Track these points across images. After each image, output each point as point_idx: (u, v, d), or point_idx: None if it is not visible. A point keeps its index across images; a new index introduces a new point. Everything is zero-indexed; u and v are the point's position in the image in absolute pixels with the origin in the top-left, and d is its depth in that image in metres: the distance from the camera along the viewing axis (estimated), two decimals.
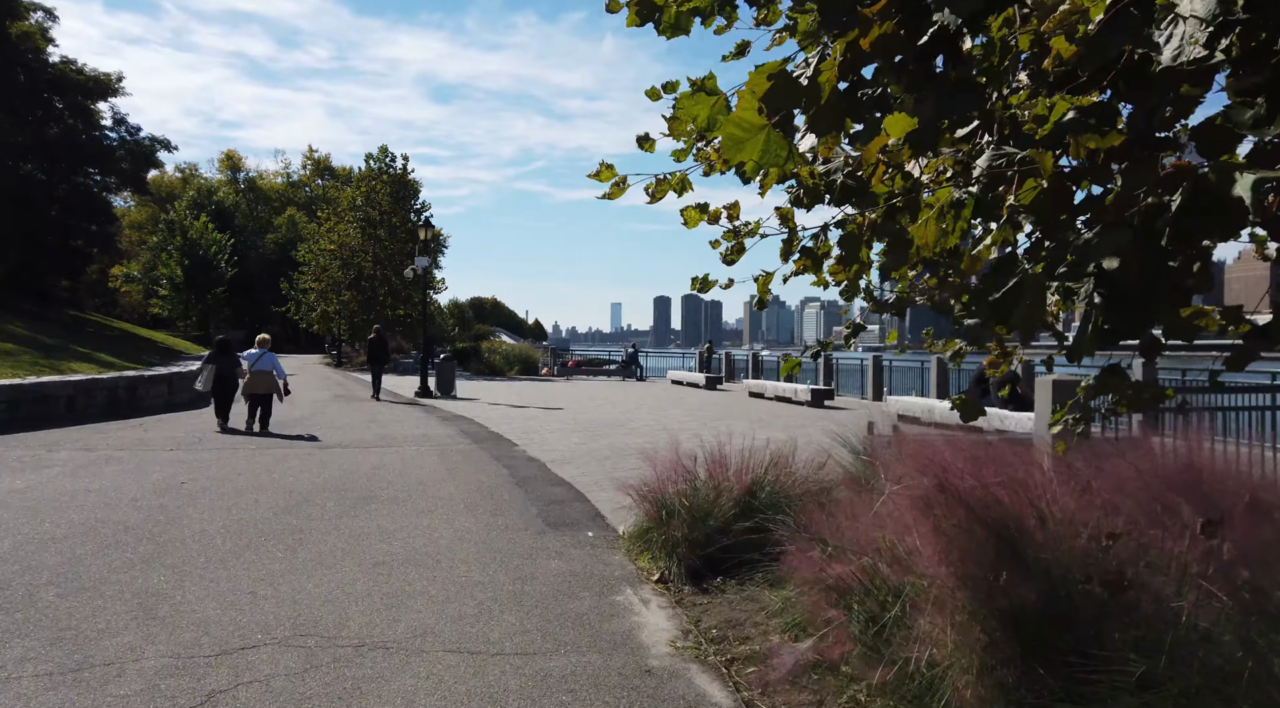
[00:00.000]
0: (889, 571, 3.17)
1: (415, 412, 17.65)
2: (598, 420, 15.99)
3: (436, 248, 63.90)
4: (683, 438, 13.66)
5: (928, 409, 14.73)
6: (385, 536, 6.57)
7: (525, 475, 9.49)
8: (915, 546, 3.03)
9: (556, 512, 7.57)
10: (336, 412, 17.30)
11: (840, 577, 3.31)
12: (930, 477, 3.44)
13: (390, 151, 40.26)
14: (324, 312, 39.80)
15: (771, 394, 21.88)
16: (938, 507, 3.08)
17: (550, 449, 11.83)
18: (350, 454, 11.07)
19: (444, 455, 11.07)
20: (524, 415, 16.83)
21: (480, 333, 70.89)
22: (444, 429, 14.23)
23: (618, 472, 9.68)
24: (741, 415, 17.41)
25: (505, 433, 13.71)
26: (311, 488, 8.52)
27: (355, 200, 38.96)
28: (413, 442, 12.53)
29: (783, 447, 10.52)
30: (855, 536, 3.63)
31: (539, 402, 20.49)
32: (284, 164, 78.92)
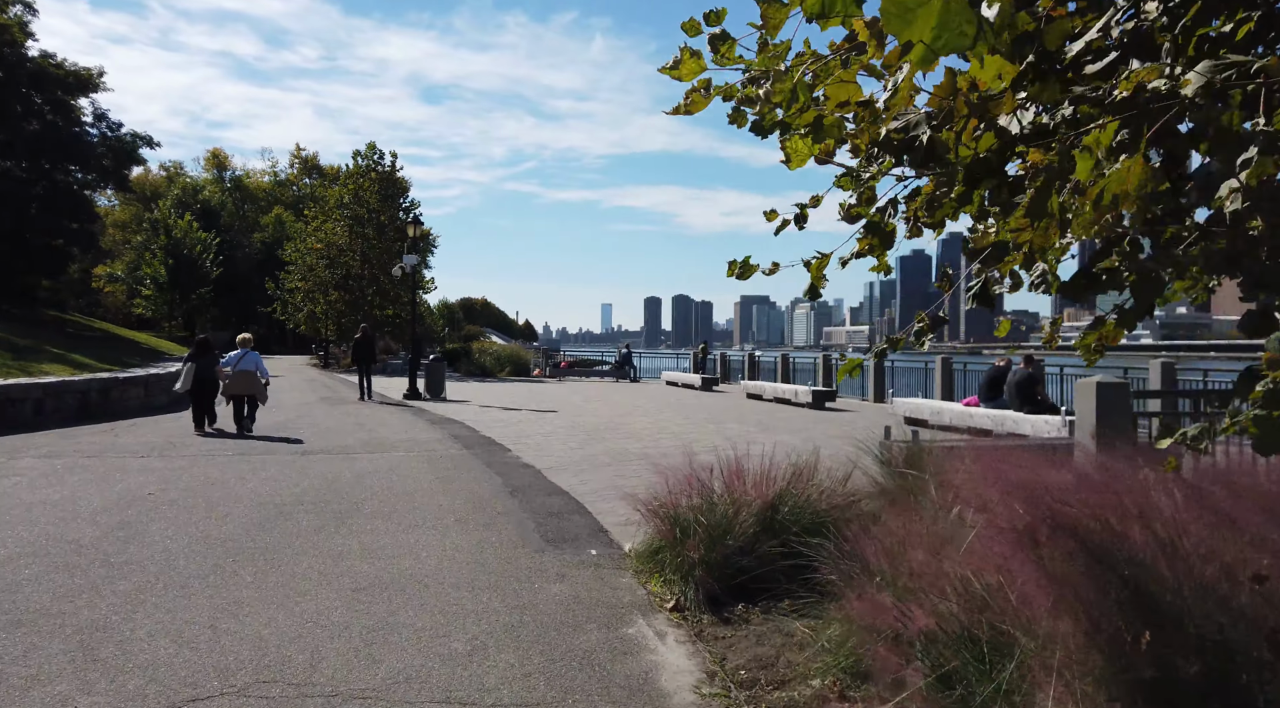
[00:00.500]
0: (985, 621, 2.57)
1: (403, 415, 17.00)
2: (594, 424, 15.39)
3: (426, 247, 63.19)
4: (685, 443, 13.07)
5: (936, 412, 14.19)
6: (368, 555, 5.94)
7: (520, 485, 8.87)
8: (1022, 591, 2.43)
9: (555, 526, 6.95)
10: (322, 415, 16.63)
11: (924, 628, 2.70)
12: (1017, 499, 2.84)
13: (378, 148, 39.56)
14: (310, 312, 39.00)
15: (770, 396, 21.31)
16: (1043, 541, 2.50)
17: (546, 455, 11.21)
18: (333, 461, 10.42)
19: (433, 462, 10.44)
20: (517, 419, 16.21)
21: (470, 333, 70.20)
22: (433, 433, 13.59)
23: (619, 480, 9.07)
24: (741, 418, 16.83)
25: (498, 438, 13.08)
26: (289, 499, 7.88)
27: (343, 198, 38.20)
28: (400, 447, 11.89)
29: (799, 454, 9.95)
30: (925, 570, 3.03)
31: (532, 404, 19.86)
32: (271, 163, 77.84)
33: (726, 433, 13.94)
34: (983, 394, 13.20)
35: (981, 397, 13.21)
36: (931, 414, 14.33)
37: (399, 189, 39.65)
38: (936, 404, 14.58)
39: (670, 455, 11.29)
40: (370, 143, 39.51)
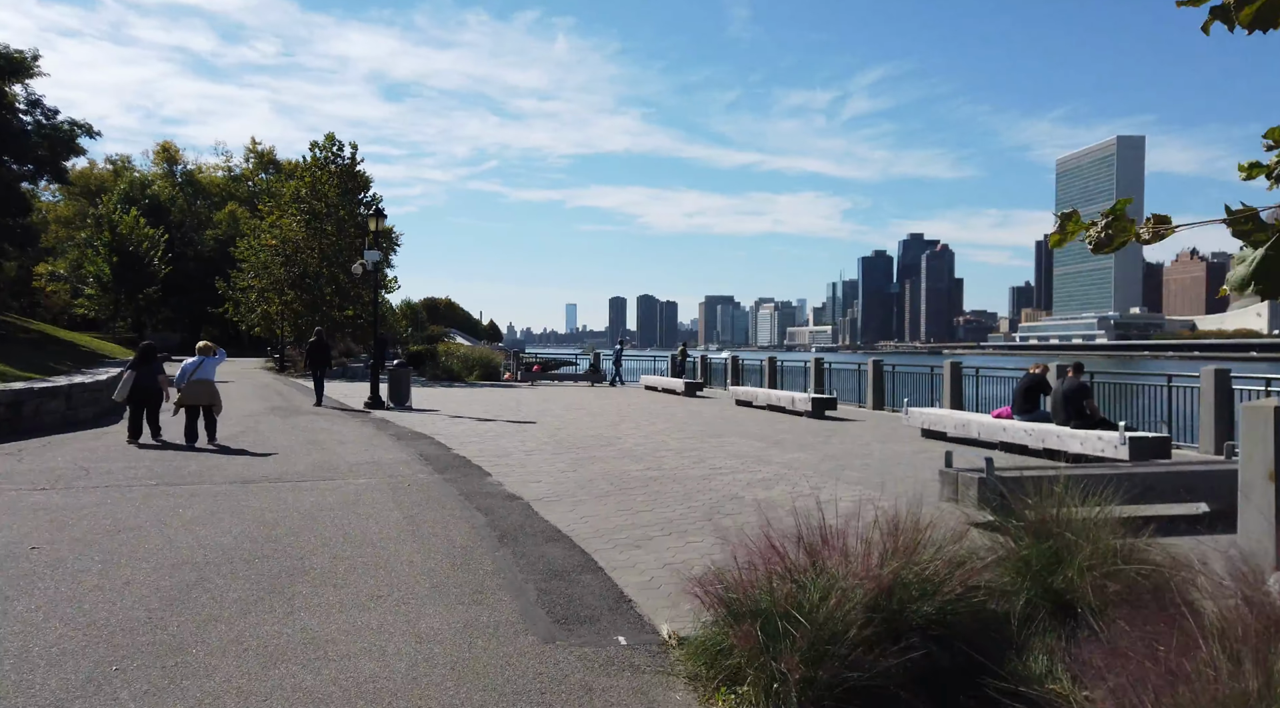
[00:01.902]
0: None
1: (364, 428, 15.20)
2: (580, 437, 13.75)
3: (389, 245, 60.90)
4: (690, 462, 11.46)
5: (961, 424, 12.79)
6: (312, 652, 4.28)
7: (509, 526, 7.23)
8: None
9: (562, 593, 5.33)
10: (270, 429, 14.77)
11: None
12: None
13: (337, 140, 37.45)
14: (265, 312, 36.78)
15: (763, 403, 19.85)
16: None
17: (533, 480, 9.57)
18: (278, 493, 8.67)
19: (399, 493, 8.74)
20: (493, 432, 14.51)
21: (435, 334, 67.98)
22: (399, 453, 11.86)
23: (627, 516, 7.47)
24: (741, 430, 15.31)
25: (474, 457, 11.40)
26: (215, 555, 6.16)
27: (299, 192, 36.04)
28: (360, 471, 10.16)
29: (870, 494, 8.42)
30: None
31: (507, 413, 18.16)
32: (225, 158, 74.77)
33: (732, 449, 12.42)
34: (1017, 404, 11.84)
35: (1015, 407, 11.84)
36: (955, 427, 12.95)
37: (360, 184, 37.57)
38: (961, 416, 13.20)
39: (679, 479, 9.75)
40: (329, 134, 37.41)
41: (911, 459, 11.36)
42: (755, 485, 9.28)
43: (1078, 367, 11.12)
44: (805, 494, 8.72)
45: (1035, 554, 4.24)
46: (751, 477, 9.89)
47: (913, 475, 9.96)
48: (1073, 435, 10.50)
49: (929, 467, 10.56)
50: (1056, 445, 10.80)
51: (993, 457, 7.05)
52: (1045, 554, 4.22)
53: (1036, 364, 12.19)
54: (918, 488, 8.95)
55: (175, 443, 12.77)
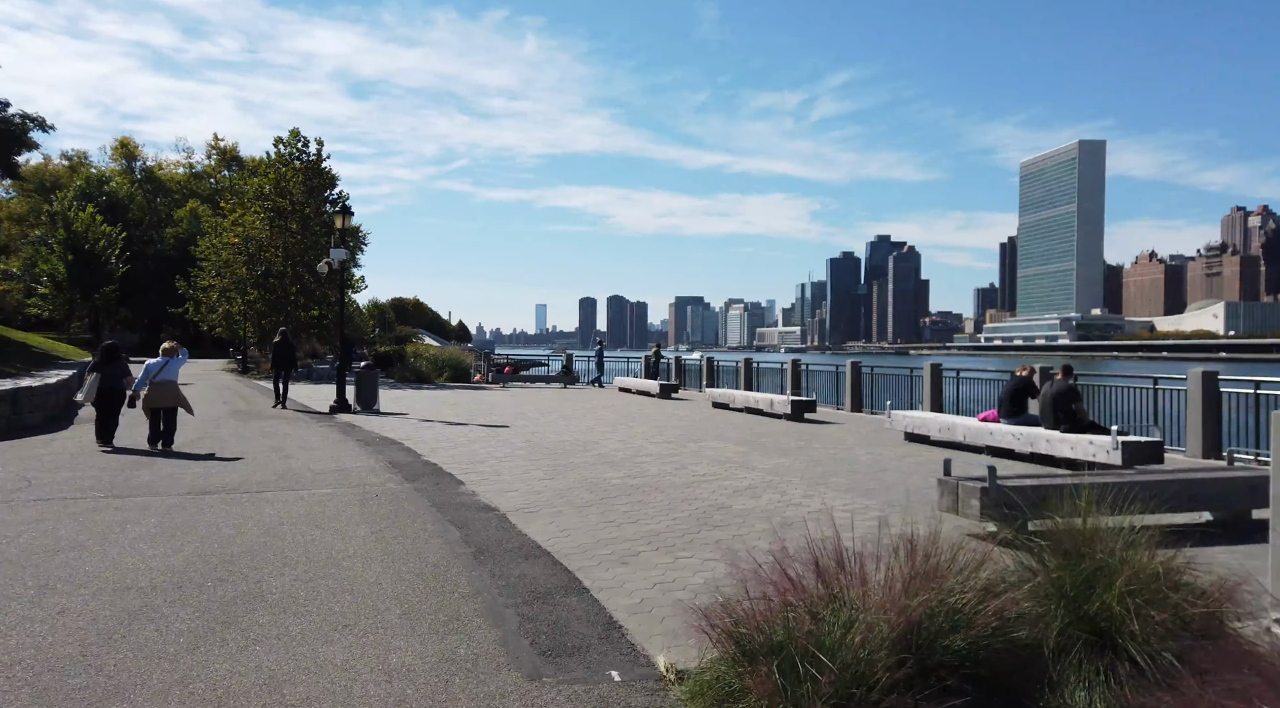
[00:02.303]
0: None
1: (330, 433, 14.61)
2: (556, 443, 13.30)
3: (356, 244, 59.80)
4: (671, 468, 11.07)
5: (946, 427, 12.53)
6: (268, 695, 3.80)
7: (484, 541, 6.77)
8: None
9: (546, 620, 4.90)
10: (231, 435, 14.12)
11: None
12: None
13: (302, 136, 36.49)
14: (226, 312, 35.78)
15: (740, 405, 19.51)
16: None
17: (509, 489, 9.11)
18: (236, 506, 8.12)
19: (366, 505, 8.23)
20: (465, 437, 14.00)
21: (403, 335, 66.96)
22: (366, 460, 11.32)
23: (611, 529, 7.05)
24: (720, 433, 14.95)
25: (445, 464, 10.90)
26: (164, 576, 5.63)
27: (263, 189, 35.08)
28: (325, 481, 9.62)
29: (862, 503, 8.08)
30: None
31: (479, 417, 17.63)
32: (186, 154, 72.94)
33: (713, 454, 12.04)
34: (1004, 408, 11.59)
35: (1002, 411, 11.60)
36: (939, 430, 12.69)
37: (325, 180, 36.66)
38: (946, 419, 12.94)
39: (662, 488, 9.33)
40: (293, 130, 36.43)
41: (898, 464, 11.06)
42: (742, 493, 8.90)
43: (1066, 369, 10.89)
44: (795, 503, 8.36)
45: (1068, 577, 3.88)
46: (737, 484, 9.51)
47: (902, 482, 9.65)
48: (1063, 440, 10.26)
49: (918, 472, 10.27)
50: (1046, 450, 10.57)
51: (995, 465, 6.72)
52: (1078, 577, 3.86)
53: (1023, 367, 11.96)
54: (910, 496, 8.64)
55: (130, 448, 12.13)
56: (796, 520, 7.53)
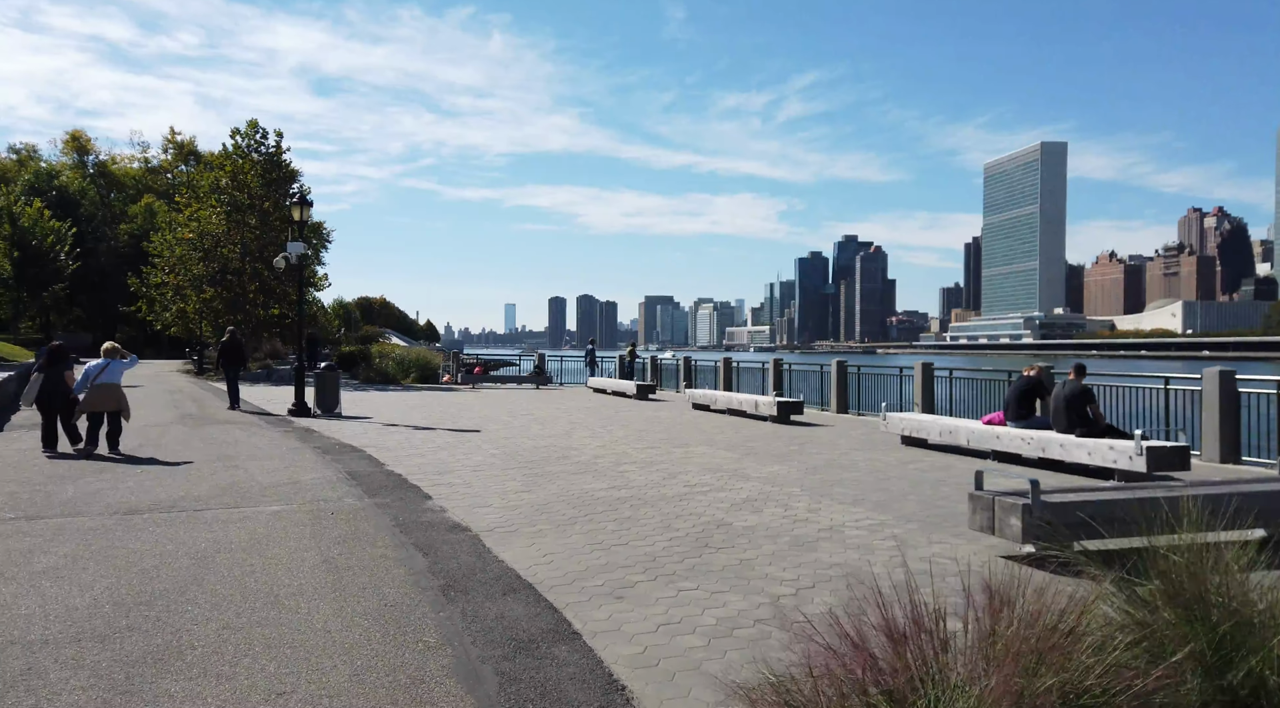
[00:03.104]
0: None
1: (286, 439, 13.52)
2: (531, 449, 12.36)
3: (319, 241, 58.16)
4: (658, 479, 10.17)
5: (948, 431, 11.79)
6: None
7: (455, 570, 5.83)
8: None
9: (532, 679, 3.98)
10: (175, 442, 12.99)
11: None
12: None
13: (261, 127, 35.12)
14: (181, 311, 34.26)
15: (722, 406, 18.70)
16: None
17: (481, 504, 8.17)
18: (168, 528, 7.09)
19: (320, 525, 7.24)
20: (432, 443, 13.00)
21: (369, 334, 65.39)
22: (322, 471, 10.29)
23: (600, 554, 6.14)
24: (706, 437, 14.11)
25: (411, 475, 9.92)
26: (61, 626, 4.63)
27: (219, 182, 33.64)
28: (275, 495, 8.60)
29: (877, 519, 7.26)
30: None
31: (448, 421, 16.62)
32: (142, 148, 70.53)
33: (702, 461, 11.18)
34: (1010, 410, 10.87)
35: (1009, 413, 10.88)
36: (940, 434, 11.95)
37: (286, 174, 35.33)
38: (947, 422, 12.21)
39: (652, 501, 8.40)
40: (251, 121, 35.08)
41: (901, 472, 10.29)
42: (741, 507, 8.05)
43: (1079, 369, 10.19)
44: (802, 519, 7.52)
45: (1201, 636, 3.06)
46: (733, 496, 8.66)
47: (911, 492, 8.86)
48: (1079, 445, 9.55)
49: (925, 482, 9.49)
50: (1060, 455, 9.85)
51: (1038, 478, 5.92)
52: (1214, 636, 3.05)
53: (1031, 366, 11.25)
54: (928, 510, 7.85)
55: (70, 453, 11.04)
56: (808, 539, 6.69)
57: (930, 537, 6.77)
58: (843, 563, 5.98)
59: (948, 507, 7.98)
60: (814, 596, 5.23)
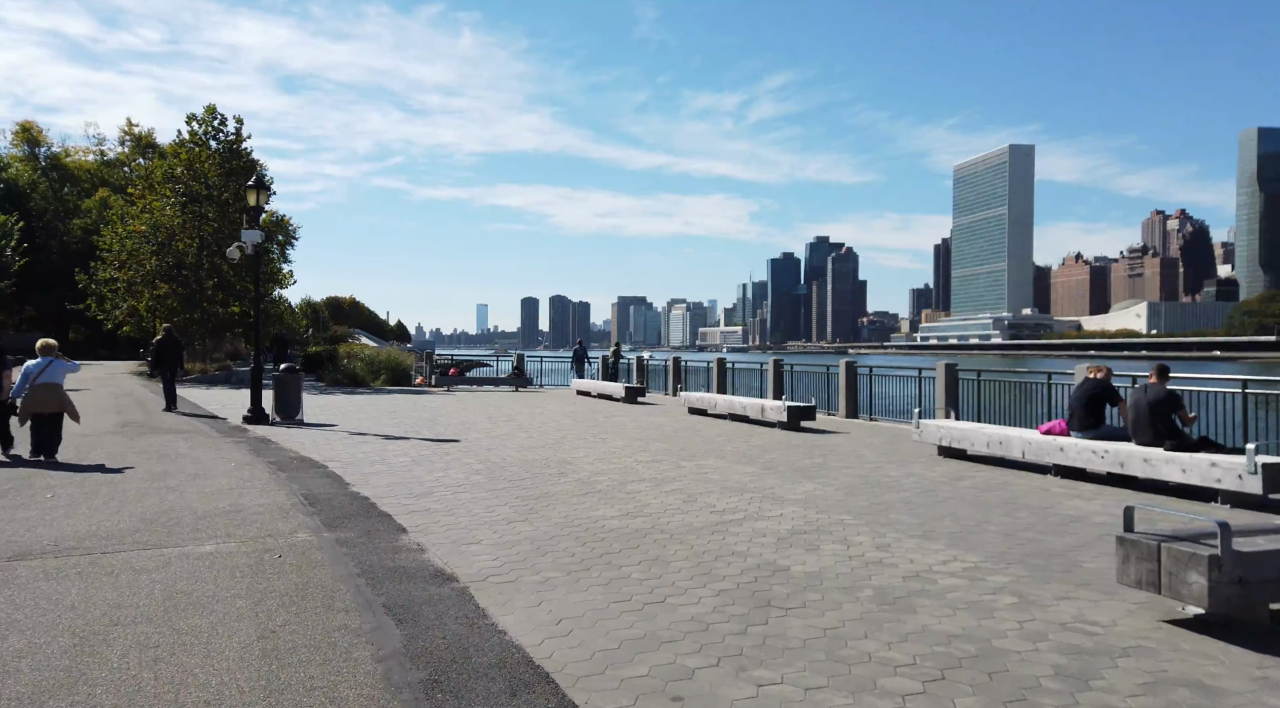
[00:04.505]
0: None
1: (236, 451, 11.80)
2: (520, 463, 10.77)
3: (285, 236, 55.86)
4: (676, 504, 8.51)
5: (997, 441, 10.37)
6: None
7: (442, 653, 4.25)
8: None
9: None
10: (109, 455, 11.22)
11: None
12: None
13: (220, 113, 33.04)
14: (132, 308, 32.09)
15: (723, 411, 17.20)
16: None
17: (469, 540, 6.59)
18: (58, 583, 5.42)
19: (261, 577, 5.61)
20: (406, 456, 11.36)
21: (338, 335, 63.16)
22: (273, 493, 8.62)
23: (628, 613, 4.58)
24: (712, 448, 12.60)
25: (381, 498, 8.30)
26: None
27: (173, 171, 31.53)
28: (209, 530, 6.94)
29: (973, 561, 5.75)
30: None
31: (423, 428, 14.95)
32: (98, 140, 67.56)
33: (719, 477, 9.66)
34: (1076, 418, 9.49)
35: (1074, 422, 9.50)
36: (988, 444, 10.55)
37: (246, 163, 33.24)
38: (995, 431, 10.80)
39: (677, 533, 6.76)
40: (209, 106, 32.97)
41: (956, 492, 8.85)
42: (791, 544, 6.55)
43: (1162, 370, 8.82)
44: (873, 560, 6.03)
45: None
46: (774, 526, 7.15)
47: (987, 522, 7.40)
48: (1170, 460, 8.17)
49: (994, 506, 8.03)
50: (1143, 472, 8.47)
51: (1228, 519, 4.47)
52: None
53: (1095, 367, 9.86)
54: (1022, 547, 6.38)
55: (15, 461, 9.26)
56: (896, 594, 5.20)
57: (1049, 589, 5.30)
58: (962, 633, 4.50)
59: (1044, 543, 6.54)
60: (953, 697, 3.73)
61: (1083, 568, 5.73)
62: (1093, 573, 5.60)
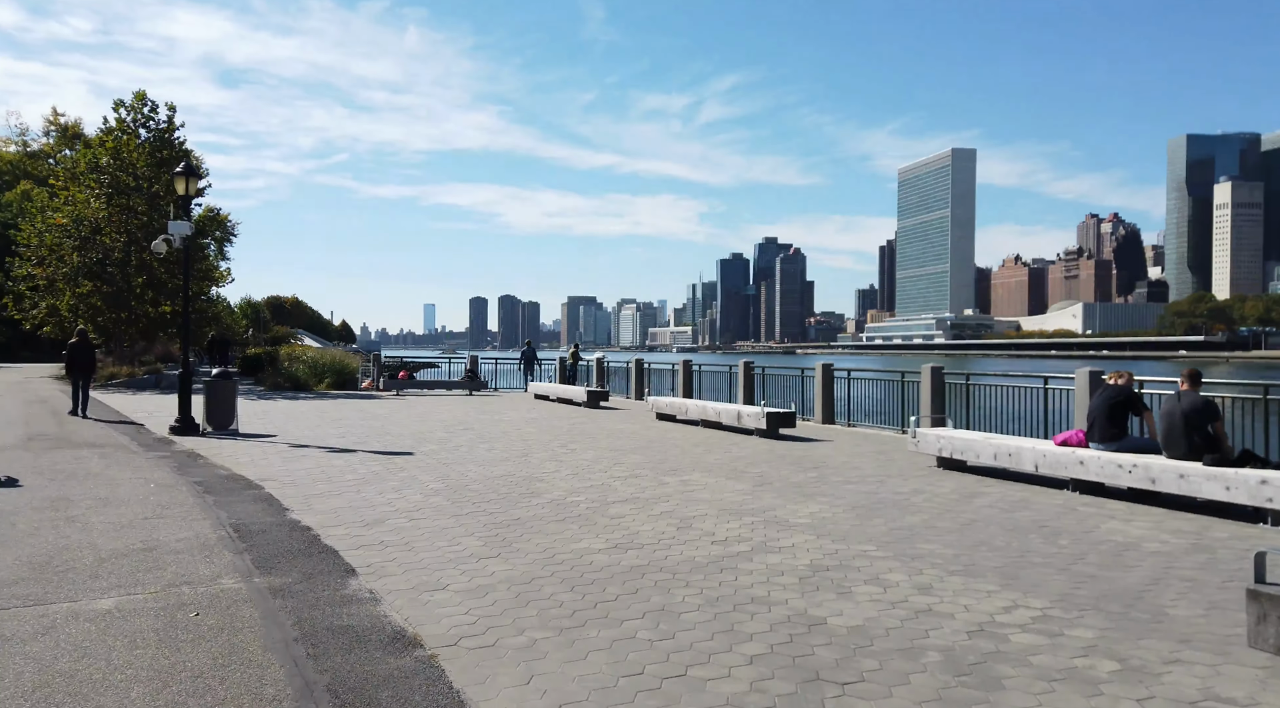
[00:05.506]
0: None
1: (157, 470, 10.42)
2: (484, 480, 9.63)
3: (223, 233, 53.37)
4: (669, 529, 7.35)
5: (1007, 453, 9.58)
6: None
7: None
8: None
9: None
10: (8, 471, 9.74)
11: None
12: None
13: (150, 99, 31.01)
14: (52, 307, 29.88)
15: (694, 417, 16.25)
16: None
17: (433, 584, 5.46)
18: None
19: (171, 647, 4.42)
20: (354, 473, 10.13)
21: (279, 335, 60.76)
22: (197, 524, 7.35)
23: (643, 687, 3.56)
24: (692, 460, 11.61)
25: (325, 529, 7.10)
26: None
27: (99, 160, 29.43)
28: (111, 577, 5.69)
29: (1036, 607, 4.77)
30: None
31: (372, 439, 13.67)
32: (21, 131, 63.87)
33: (710, 496, 8.66)
34: (1097, 428, 8.71)
35: (1095, 432, 8.73)
36: (994, 455, 9.76)
37: (179, 154, 31.26)
38: (1004, 441, 10.01)
39: (680, 571, 5.53)
40: (139, 92, 30.89)
41: (978, 513, 8.00)
42: (817, 585, 5.57)
43: (1193, 377, 8.10)
44: (920, 609, 5.08)
45: None
46: (791, 561, 6.17)
47: (1030, 551, 6.52)
48: (1211, 476, 7.42)
49: (1030, 532, 7.15)
50: (1176, 489, 7.72)
51: None
52: None
53: (1116, 373, 9.10)
54: (1087, 587, 5.49)
55: None
56: (968, 658, 4.24)
57: (1149, 649, 4.40)
58: None
59: (1108, 580, 5.67)
60: None
61: (1170, 616, 4.86)
62: (1187, 624, 4.73)
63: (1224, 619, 4.75)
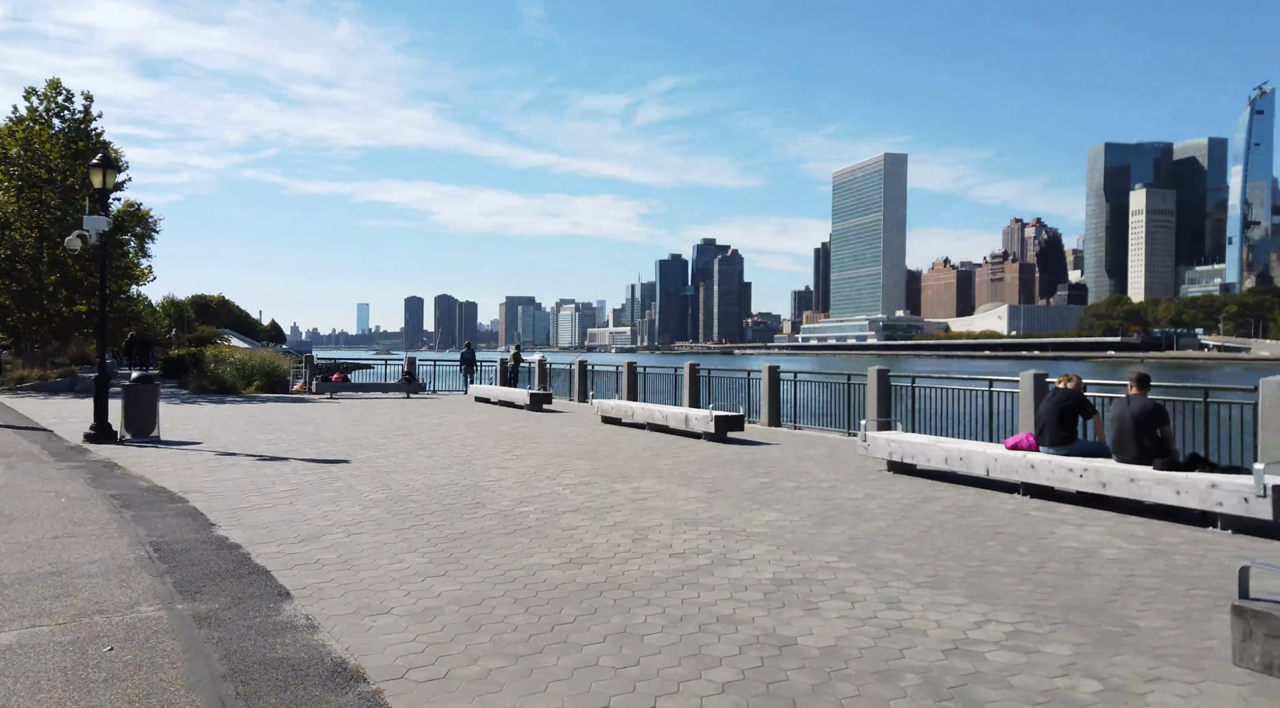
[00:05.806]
0: None
1: (70, 482, 9.70)
2: (425, 489, 9.20)
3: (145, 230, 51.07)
4: (624, 544, 6.94)
5: (957, 457, 9.59)
6: None
7: None
8: None
9: None
10: None
11: None
12: None
13: (65, 88, 29.38)
14: None
15: (641, 420, 16.01)
16: None
17: (375, 608, 5.08)
18: None
19: (76, 690, 3.95)
20: (286, 483, 9.58)
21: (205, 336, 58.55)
22: (112, 543, 6.79)
23: None
24: (642, 465, 11.36)
25: (255, 546, 6.62)
26: None
27: (8, 152, 27.76)
28: (13, 606, 5.15)
29: (1005, 620, 4.61)
30: None
31: (305, 446, 13.05)
32: None
33: (663, 504, 8.41)
34: (1047, 433, 8.75)
35: (1044, 437, 8.77)
36: (946, 459, 9.75)
37: (95, 145, 29.68)
38: (954, 445, 10.01)
39: (638, 589, 5.26)
40: (53, 80, 29.25)
41: (932, 519, 7.93)
42: (783, 601, 5.36)
43: (1142, 380, 8.18)
44: (890, 625, 4.91)
45: None
46: (754, 575, 5.96)
47: (993, 560, 6.44)
48: (1162, 480, 7.48)
49: (987, 538, 7.09)
50: (1129, 493, 7.78)
51: None
52: None
53: (1066, 376, 9.18)
54: (1054, 597, 5.40)
55: None
56: (948, 680, 4.08)
57: (1126, 665, 4.30)
58: None
59: (1072, 590, 5.59)
60: None
61: (1140, 629, 4.79)
62: (1157, 637, 4.66)
63: (1194, 631, 4.70)
